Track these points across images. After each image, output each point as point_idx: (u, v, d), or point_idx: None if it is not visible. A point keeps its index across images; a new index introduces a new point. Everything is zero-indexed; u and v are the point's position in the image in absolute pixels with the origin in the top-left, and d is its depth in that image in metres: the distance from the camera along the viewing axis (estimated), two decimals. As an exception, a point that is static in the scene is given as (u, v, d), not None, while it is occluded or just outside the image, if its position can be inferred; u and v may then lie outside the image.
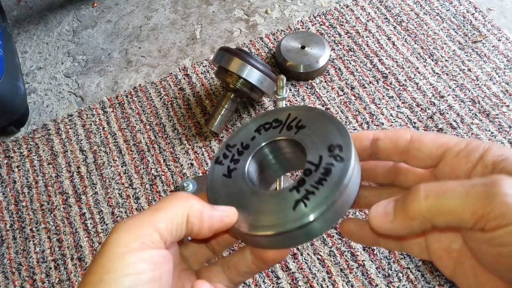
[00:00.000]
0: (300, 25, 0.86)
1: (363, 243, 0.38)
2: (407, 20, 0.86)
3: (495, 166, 0.23)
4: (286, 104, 0.56)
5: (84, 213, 0.68)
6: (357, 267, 0.61)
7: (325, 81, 0.78)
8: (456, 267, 0.25)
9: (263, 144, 0.29)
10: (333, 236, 0.63)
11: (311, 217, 0.24)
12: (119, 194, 0.69)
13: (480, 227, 0.21)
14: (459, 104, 0.75)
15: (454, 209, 0.21)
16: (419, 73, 0.79)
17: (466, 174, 0.24)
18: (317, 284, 0.60)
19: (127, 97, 0.80)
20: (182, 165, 0.71)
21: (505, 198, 0.20)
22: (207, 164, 0.71)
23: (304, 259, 0.62)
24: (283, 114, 0.29)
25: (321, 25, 0.86)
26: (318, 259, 0.61)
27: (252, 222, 0.25)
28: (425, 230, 0.23)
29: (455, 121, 0.73)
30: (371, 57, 0.81)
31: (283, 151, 0.30)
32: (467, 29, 0.83)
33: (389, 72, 0.79)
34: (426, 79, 0.78)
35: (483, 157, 0.23)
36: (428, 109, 0.74)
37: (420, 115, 0.74)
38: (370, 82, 0.78)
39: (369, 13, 0.87)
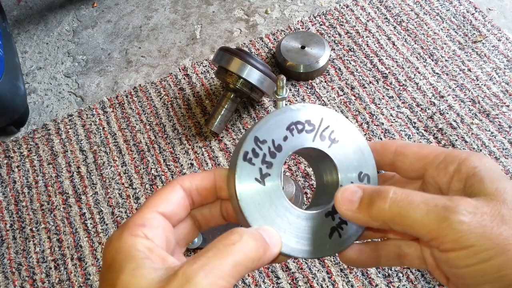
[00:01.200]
0: (300, 25, 0.86)
1: (365, 267, 0.39)
2: (407, 20, 0.86)
3: (468, 180, 0.24)
4: (286, 104, 0.56)
5: (84, 213, 0.68)
6: (357, 267, 0.61)
7: (325, 81, 0.78)
8: (449, 277, 0.26)
9: (297, 149, 0.27)
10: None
11: (345, 247, 0.26)
12: (119, 194, 0.69)
13: (435, 245, 0.22)
14: (459, 104, 0.75)
15: (413, 223, 0.22)
16: (419, 73, 0.79)
17: (447, 187, 0.25)
18: (317, 284, 0.60)
19: (127, 97, 0.80)
20: (182, 165, 0.71)
21: (460, 225, 0.21)
22: (207, 164, 0.71)
23: (304, 258, 0.62)
24: (315, 117, 0.28)
25: (321, 25, 0.86)
26: (318, 259, 0.62)
27: (287, 242, 0.25)
28: (383, 229, 0.24)
29: (455, 121, 0.73)
30: (371, 57, 0.81)
31: (314, 162, 0.30)
32: (467, 29, 0.83)
33: (389, 72, 0.79)
34: (426, 79, 0.78)
35: (459, 170, 0.24)
36: (428, 109, 0.74)
37: (420, 115, 0.74)
38: (370, 82, 0.78)
39: (369, 13, 0.87)
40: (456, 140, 0.71)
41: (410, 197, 0.23)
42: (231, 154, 0.72)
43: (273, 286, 0.60)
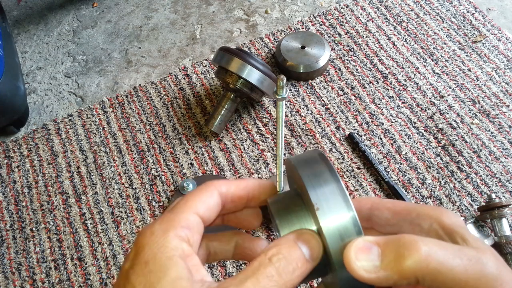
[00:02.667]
0: (300, 25, 0.86)
1: None
2: (407, 20, 0.86)
3: (450, 236, 0.23)
4: (286, 104, 0.56)
5: (84, 213, 0.68)
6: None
7: (325, 81, 0.78)
8: None
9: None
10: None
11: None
12: (119, 194, 0.69)
13: None
14: (459, 104, 0.75)
15: (451, 280, 0.20)
16: (419, 73, 0.78)
17: None
18: (317, 284, 0.60)
19: (127, 97, 0.80)
20: (182, 165, 0.71)
21: (495, 283, 0.20)
22: (207, 164, 0.71)
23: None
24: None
25: (321, 25, 0.86)
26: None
27: None
28: (410, 285, 0.22)
29: (455, 121, 0.73)
30: (371, 57, 0.81)
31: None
32: (467, 29, 0.83)
33: (389, 72, 0.79)
34: (426, 79, 0.78)
35: (436, 227, 0.23)
36: (428, 109, 0.74)
37: (420, 115, 0.74)
38: (370, 82, 0.78)
39: (369, 13, 0.87)
40: (456, 140, 0.71)
41: (444, 249, 0.20)
42: (231, 154, 0.72)
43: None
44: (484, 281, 0.20)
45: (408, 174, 0.68)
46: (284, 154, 0.72)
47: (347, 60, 0.81)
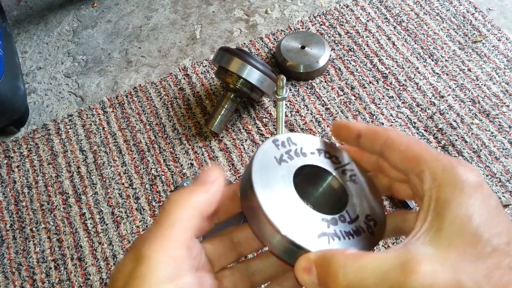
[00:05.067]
0: (300, 25, 0.86)
1: None
2: (407, 20, 0.86)
3: (438, 211, 0.22)
4: (286, 104, 0.56)
5: (84, 213, 0.68)
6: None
7: (325, 81, 0.78)
8: None
9: (317, 164, 0.29)
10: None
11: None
12: (119, 194, 0.69)
13: None
14: (459, 104, 0.75)
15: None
16: (419, 73, 0.79)
17: (424, 194, 0.24)
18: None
19: (127, 97, 0.80)
20: (182, 165, 0.71)
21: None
22: (207, 164, 0.71)
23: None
24: (344, 158, 0.30)
25: (321, 25, 0.86)
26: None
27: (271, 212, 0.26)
28: None
29: (455, 121, 0.73)
30: (371, 57, 0.81)
31: (326, 184, 0.31)
32: (467, 29, 0.83)
33: (389, 72, 0.79)
34: (426, 79, 0.78)
35: (434, 194, 0.22)
36: (428, 109, 0.74)
37: (420, 115, 0.74)
38: (370, 82, 0.78)
39: (369, 13, 0.87)
40: (456, 140, 0.71)
41: (361, 264, 0.21)
42: (231, 154, 0.72)
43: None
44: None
45: (408, 174, 0.68)
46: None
47: (347, 60, 0.81)
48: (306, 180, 0.31)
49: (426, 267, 0.19)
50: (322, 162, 0.29)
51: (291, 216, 0.25)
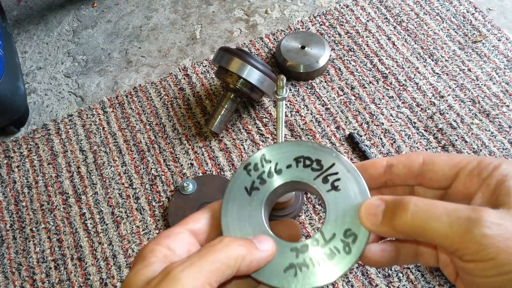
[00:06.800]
0: (300, 25, 0.86)
1: (383, 267, 0.39)
2: (407, 20, 0.86)
3: (496, 189, 0.23)
4: (286, 104, 0.56)
5: (84, 213, 0.68)
6: (357, 267, 0.61)
7: (325, 81, 0.78)
8: (458, 276, 0.26)
9: (292, 180, 0.28)
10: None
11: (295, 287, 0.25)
12: (119, 194, 0.69)
13: (457, 255, 0.22)
14: (459, 104, 0.75)
15: (435, 236, 0.22)
16: (419, 73, 0.79)
17: (475, 195, 0.25)
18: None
19: (127, 97, 0.80)
20: (182, 165, 0.71)
21: (482, 239, 0.21)
22: (207, 164, 0.71)
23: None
24: (327, 160, 0.28)
25: (321, 25, 0.86)
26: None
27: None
28: (409, 239, 0.24)
29: (455, 121, 0.73)
30: (371, 57, 0.81)
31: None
32: (467, 29, 0.83)
33: (389, 72, 0.79)
34: (426, 79, 0.78)
35: (491, 177, 0.24)
36: (428, 109, 0.74)
37: (420, 115, 0.74)
38: (370, 82, 0.78)
39: (369, 13, 0.87)
40: (456, 140, 0.71)
41: (432, 209, 0.22)
42: (231, 154, 0.72)
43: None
44: (468, 239, 0.21)
45: (408, 174, 0.68)
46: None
47: (347, 60, 0.81)
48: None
49: (494, 213, 0.22)
50: (299, 174, 0.27)
51: None
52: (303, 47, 0.78)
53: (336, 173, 0.27)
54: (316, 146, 0.28)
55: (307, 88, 0.78)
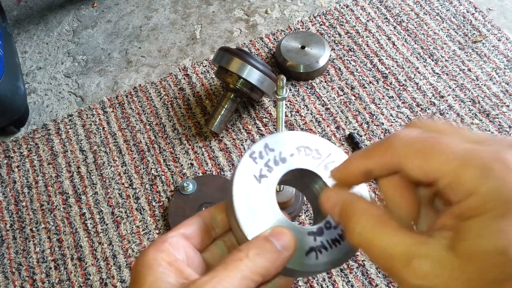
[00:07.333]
0: (300, 25, 0.86)
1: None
2: (407, 20, 0.86)
3: (456, 225, 0.20)
4: (286, 104, 0.56)
5: (84, 213, 0.68)
6: (357, 267, 0.61)
7: (325, 81, 0.78)
8: None
9: (298, 167, 0.28)
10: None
11: (319, 269, 0.26)
12: (119, 194, 0.69)
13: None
14: (459, 104, 0.75)
15: (379, 259, 0.21)
16: (419, 73, 0.79)
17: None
18: (317, 284, 0.60)
19: (127, 97, 0.80)
20: (182, 165, 0.71)
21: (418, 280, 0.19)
22: (207, 164, 0.71)
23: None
24: (325, 150, 0.29)
25: (321, 25, 0.86)
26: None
27: None
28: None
29: (455, 121, 0.73)
30: (371, 57, 0.81)
31: (310, 184, 0.30)
32: (467, 29, 0.83)
33: (389, 72, 0.79)
34: (426, 79, 0.78)
35: (457, 205, 0.20)
36: (428, 109, 0.74)
37: (420, 115, 0.74)
38: (370, 82, 0.78)
39: (369, 13, 0.87)
40: (456, 140, 0.71)
41: (375, 238, 0.21)
42: (231, 154, 0.72)
43: (273, 286, 0.60)
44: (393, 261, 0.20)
45: (408, 174, 0.68)
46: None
47: (347, 60, 0.81)
48: (292, 185, 0.31)
49: (426, 268, 0.19)
50: (303, 161, 0.29)
51: None
52: (303, 47, 0.78)
53: (333, 162, 0.29)
54: (313, 136, 0.30)
55: (307, 88, 0.78)
